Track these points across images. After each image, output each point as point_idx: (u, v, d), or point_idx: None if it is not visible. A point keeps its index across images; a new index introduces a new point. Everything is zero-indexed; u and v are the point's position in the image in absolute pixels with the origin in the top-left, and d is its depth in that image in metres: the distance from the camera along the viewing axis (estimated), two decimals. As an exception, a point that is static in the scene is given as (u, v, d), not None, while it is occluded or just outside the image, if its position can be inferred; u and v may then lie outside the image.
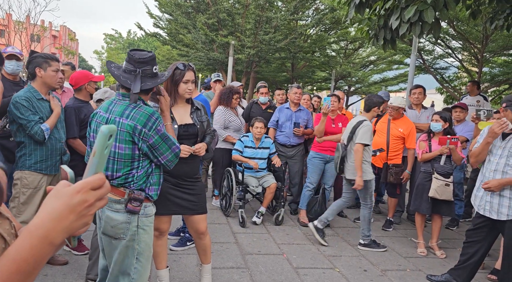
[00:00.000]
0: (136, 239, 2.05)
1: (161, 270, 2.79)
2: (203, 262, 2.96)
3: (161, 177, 2.21)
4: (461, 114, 4.90)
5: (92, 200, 0.66)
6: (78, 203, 0.65)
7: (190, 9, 15.58)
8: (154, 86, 2.10)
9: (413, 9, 3.35)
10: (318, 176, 4.83)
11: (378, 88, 21.68)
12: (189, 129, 2.64)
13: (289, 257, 3.75)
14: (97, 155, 0.67)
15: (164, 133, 2.05)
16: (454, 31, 11.97)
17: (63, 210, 0.64)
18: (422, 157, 4.18)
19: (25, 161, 2.87)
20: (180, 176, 2.65)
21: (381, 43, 4.21)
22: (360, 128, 4.06)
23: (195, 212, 2.73)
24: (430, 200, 4.06)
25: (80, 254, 3.42)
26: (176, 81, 2.57)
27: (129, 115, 1.98)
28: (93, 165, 0.67)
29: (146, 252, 2.11)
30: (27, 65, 2.89)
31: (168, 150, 2.08)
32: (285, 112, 5.14)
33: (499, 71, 14.99)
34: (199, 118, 2.73)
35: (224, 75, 15.21)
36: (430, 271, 3.69)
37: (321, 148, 4.78)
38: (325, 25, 16.87)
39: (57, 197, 0.66)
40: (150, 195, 2.12)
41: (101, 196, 0.68)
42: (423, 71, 15.12)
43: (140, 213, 2.06)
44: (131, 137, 1.98)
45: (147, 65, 2.04)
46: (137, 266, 2.07)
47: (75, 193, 0.65)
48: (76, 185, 0.66)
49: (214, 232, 4.27)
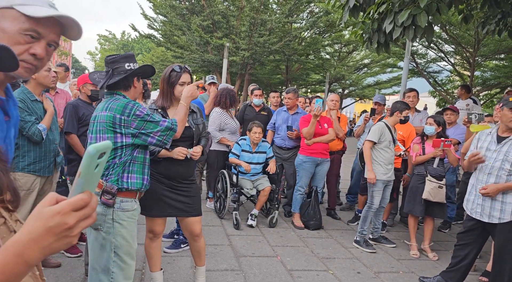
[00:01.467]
0: (112, 232, 2.06)
1: (155, 273, 2.78)
2: (197, 264, 2.95)
3: (145, 167, 2.21)
4: (451, 117, 4.97)
5: (72, 222, 0.64)
6: (56, 225, 0.63)
7: (184, 11, 15.58)
8: (120, 80, 2.12)
9: (406, 13, 3.39)
10: (308, 179, 4.84)
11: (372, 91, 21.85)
12: (185, 131, 2.64)
13: (283, 259, 3.76)
14: (82, 176, 0.65)
15: (145, 115, 2.08)
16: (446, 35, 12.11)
17: (41, 232, 0.63)
18: (416, 160, 4.23)
19: (18, 163, 2.85)
20: (175, 178, 2.66)
21: (375, 46, 4.24)
22: (372, 127, 4.30)
23: (190, 214, 2.74)
24: (423, 202, 4.11)
25: (73, 256, 3.39)
26: (172, 83, 2.59)
27: (108, 107, 2.06)
28: (78, 186, 0.66)
29: (125, 247, 2.09)
30: None
31: (156, 126, 2.12)
32: (282, 115, 5.18)
33: (490, 75, 15.18)
34: (195, 121, 2.76)
35: (219, 77, 15.22)
36: (423, 273, 3.71)
37: (311, 152, 4.76)
38: (320, 28, 16.97)
39: (38, 217, 0.64)
40: (130, 183, 2.12)
41: (84, 216, 0.66)
42: (416, 75, 15.26)
43: (116, 206, 2.07)
44: (112, 127, 2.05)
45: (118, 64, 2.13)
46: (116, 260, 2.07)
47: (54, 215, 0.63)
48: (57, 206, 0.64)
49: (208, 234, 4.26)
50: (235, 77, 17.36)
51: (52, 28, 1.02)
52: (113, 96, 2.14)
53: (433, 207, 4.11)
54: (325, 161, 4.85)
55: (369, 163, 4.17)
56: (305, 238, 4.41)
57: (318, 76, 21.65)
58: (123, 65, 2.14)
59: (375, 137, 4.16)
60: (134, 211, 2.17)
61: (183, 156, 2.57)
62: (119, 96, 2.14)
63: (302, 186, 4.83)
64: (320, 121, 4.78)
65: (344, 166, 5.86)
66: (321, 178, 4.89)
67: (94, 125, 2.10)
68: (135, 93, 2.24)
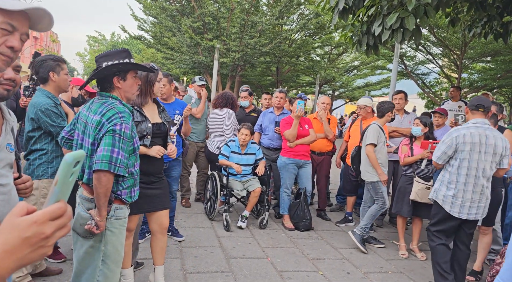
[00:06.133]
0: (103, 240, 2.02)
1: (126, 269, 2.77)
2: (159, 263, 2.94)
3: (135, 182, 2.17)
4: (440, 119, 5.03)
5: (49, 232, 0.62)
6: (33, 235, 0.61)
7: (175, 12, 15.52)
8: (96, 79, 2.08)
9: (394, 16, 3.43)
10: (292, 180, 4.85)
11: (362, 92, 22.01)
12: (161, 127, 2.76)
13: (273, 261, 3.76)
14: (59, 184, 0.64)
15: (119, 131, 1.93)
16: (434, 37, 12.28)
17: (16, 242, 0.61)
18: (405, 161, 4.27)
19: (46, 169, 2.78)
20: (152, 174, 2.74)
21: (364, 48, 4.29)
22: (367, 130, 4.27)
23: (163, 207, 2.82)
24: (411, 203, 4.16)
25: (57, 262, 3.26)
26: (151, 81, 2.67)
27: (100, 112, 1.98)
28: (54, 194, 0.64)
29: (113, 255, 2.05)
30: (37, 69, 2.75)
31: (108, 145, 1.90)
32: (268, 116, 5.20)
33: (477, 77, 15.43)
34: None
35: (209, 79, 15.19)
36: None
37: (294, 154, 4.75)
38: (310, 30, 17.06)
39: (12, 227, 0.62)
40: (123, 198, 2.09)
41: (61, 226, 0.64)
42: (405, 77, 15.44)
43: (110, 214, 2.02)
44: (97, 131, 1.96)
45: (97, 63, 2.06)
46: (103, 268, 2.02)
47: (31, 225, 0.61)
48: (33, 216, 0.62)
49: (198, 236, 4.25)
50: (226, 78, 17.34)
51: (24, 20, 1.04)
52: (109, 99, 2.05)
53: (421, 208, 4.16)
54: (307, 163, 4.86)
55: (378, 167, 4.19)
56: (295, 239, 4.43)
57: (309, 78, 21.75)
58: (101, 64, 2.03)
59: (375, 140, 4.20)
60: (125, 218, 2.15)
61: (161, 154, 2.67)
62: (114, 100, 2.05)
63: (287, 188, 4.83)
64: (301, 123, 4.78)
65: (334, 167, 5.89)
66: (307, 180, 4.89)
67: (84, 125, 2.03)
68: (126, 93, 2.11)
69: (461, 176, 3.14)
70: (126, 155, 2.00)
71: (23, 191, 1.48)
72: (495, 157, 3.10)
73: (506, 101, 18.51)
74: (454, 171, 3.18)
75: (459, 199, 3.15)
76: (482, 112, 3.14)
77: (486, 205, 3.20)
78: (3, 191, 1.29)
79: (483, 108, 3.13)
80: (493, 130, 3.14)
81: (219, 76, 16.14)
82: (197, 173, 5.61)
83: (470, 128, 3.12)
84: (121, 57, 2.05)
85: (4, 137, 1.31)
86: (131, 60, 2.10)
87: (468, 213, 3.16)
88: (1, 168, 1.29)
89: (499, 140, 3.09)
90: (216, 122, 5.07)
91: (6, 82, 1.32)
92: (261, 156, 4.87)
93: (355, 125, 5.20)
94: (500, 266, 3.17)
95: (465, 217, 3.17)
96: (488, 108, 3.15)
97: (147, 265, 3.37)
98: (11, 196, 1.33)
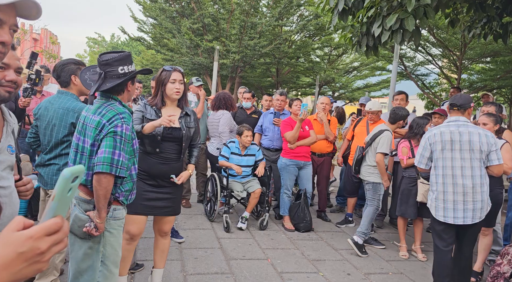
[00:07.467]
0: (102, 241, 2.01)
1: (121, 277, 2.66)
2: (159, 266, 2.92)
3: (134, 186, 2.17)
4: (439, 120, 5.03)
5: (44, 247, 0.62)
6: (28, 250, 0.61)
7: (174, 14, 15.52)
8: (113, 86, 2.00)
9: (394, 17, 3.43)
10: (292, 181, 4.86)
11: (362, 93, 22.01)
12: (174, 132, 2.67)
13: (273, 262, 3.76)
14: (56, 199, 0.63)
15: (120, 132, 1.94)
16: (434, 38, 12.29)
17: (11, 257, 0.60)
18: (407, 163, 4.25)
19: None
20: (158, 176, 2.68)
21: (364, 49, 4.29)
22: (381, 137, 4.23)
23: (169, 213, 2.77)
24: (419, 205, 4.15)
25: None
26: (162, 82, 2.62)
27: (100, 113, 1.98)
28: (51, 209, 0.64)
29: (112, 256, 2.06)
30: (59, 73, 2.71)
31: (109, 147, 1.91)
32: (268, 117, 5.21)
33: (477, 78, 15.44)
34: (187, 124, 2.75)
35: (209, 80, 15.20)
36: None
37: (294, 155, 4.75)
38: (310, 31, 17.05)
39: (7, 242, 0.61)
40: (120, 200, 2.09)
41: (57, 241, 0.64)
42: (405, 77, 15.44)
43: (108, 215, 2.02)
44: (97, 133, 1.96)
45: (111, 67, 2.01)
46: (103, 269, 2.03)
47: (26, 240, 0.61)
48: (28, 231, 0.62)
49: (199, 237, 4.24)
50: (226, 80, 17.33)
51: (11, 12, 1.00)
52: (109, 100, 2.05)
53: (423, 209, 4.15)
54: (308, 164, 4.86)
55: (384, 174, 4.24)
56: (295, 241, 4.42)
57: (308, 79, 21.74)
58: (116, 69, 2.01)
59: (387, 149, 4.20)
60: (123, 219, 2.15)
61: (169, 122, 2.45)
62: (114, 101, 2.05)
63: (288, 189, 4.83)
64: (301, 124, 4.79)
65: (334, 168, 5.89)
66: (308, 181, 4.89)
67: (84, 127, 2.03)
68: (129, 96, 2.18)
69: (439, 177, 3.06)
70: (127, 156, 2.01)
71: (23, 193, 1.48)
72: (474, 154, 2.95)
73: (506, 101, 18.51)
74: (432, 172, 3.14)
75: (441, 201, 3.03)
76: (457, 110, 3.11)
77: (476, 209, 2.96)
78: (4, 193, 1.28)
79: (456, 107, 3.11)
80: (469, 126, 3.01)
81: (219, 78, 16.14)
82: (195, 174, 5.61)
83: (441, 127, 3.09)
84: (131, 61, 2.09)
85: (5, 139, 1.31)
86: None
87: (455, 217, 2.98)
88: (2, 170, 1.28)
89: (476, 136, 2.95)
90: (214, 124, 5.07)
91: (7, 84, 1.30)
92: (261, 157, 4.86)
93: (361, 126, 5.12)
94: (500, 266, 3.17)
95: (452, 222, 2.99)
96: (462, 106, 3.09)
97: (147, 267, 3.37)
98: (12, 199, 1.33)
